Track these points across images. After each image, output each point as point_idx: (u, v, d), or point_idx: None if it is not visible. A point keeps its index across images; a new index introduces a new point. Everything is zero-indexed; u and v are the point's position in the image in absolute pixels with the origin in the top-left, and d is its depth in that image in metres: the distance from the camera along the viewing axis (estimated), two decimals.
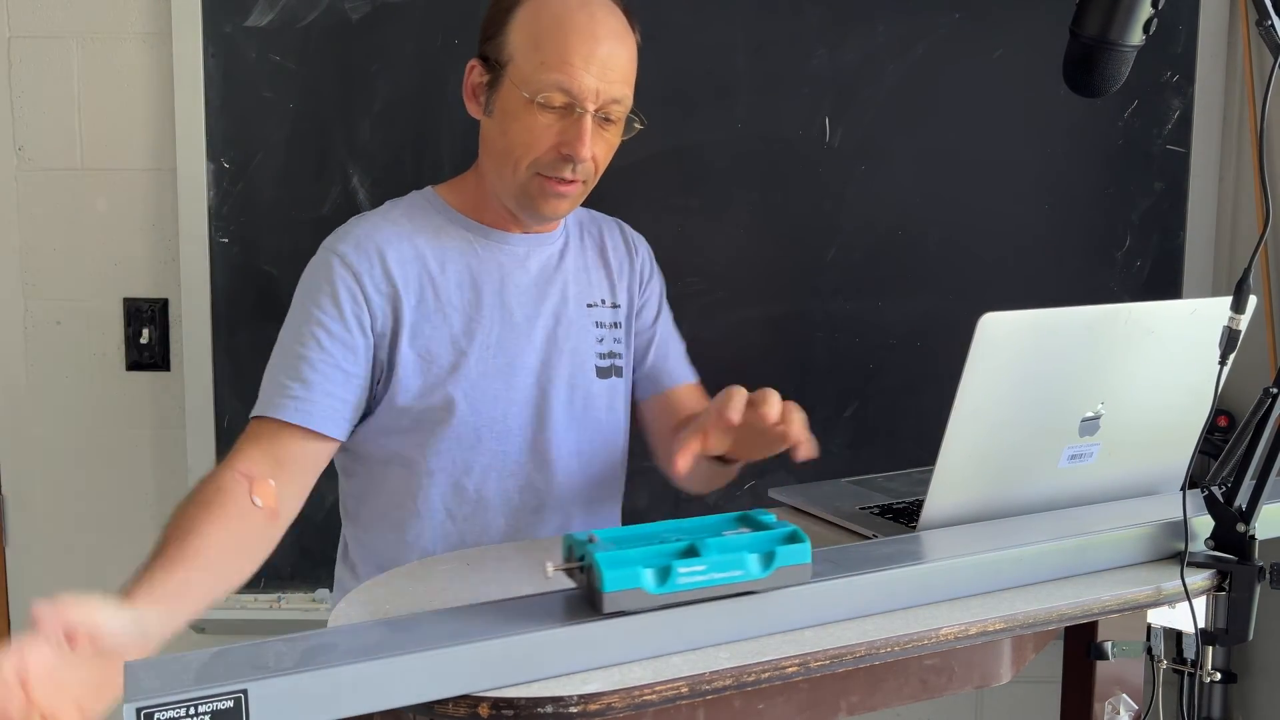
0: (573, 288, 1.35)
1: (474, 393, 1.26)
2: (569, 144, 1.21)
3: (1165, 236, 1.83)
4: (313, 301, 1.24)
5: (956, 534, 1.03)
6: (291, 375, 1.21)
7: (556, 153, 1.22)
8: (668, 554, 0.83)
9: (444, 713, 0.77)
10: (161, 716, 0.69)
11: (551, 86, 1.20)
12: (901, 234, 1.81)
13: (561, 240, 1.37)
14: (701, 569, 0.83)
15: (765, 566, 0.85)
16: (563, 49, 1.19)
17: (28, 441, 1.88)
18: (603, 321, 1.37)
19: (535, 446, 1.30)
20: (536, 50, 1.21)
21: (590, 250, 1.40)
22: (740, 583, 0.84)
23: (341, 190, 1.77)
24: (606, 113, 1.23)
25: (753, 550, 0.85)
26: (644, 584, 0.81)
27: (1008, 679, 1.03)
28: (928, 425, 1.03)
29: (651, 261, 1.47)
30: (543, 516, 1.31)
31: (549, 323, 1.32)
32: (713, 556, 0.83)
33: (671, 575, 0.82)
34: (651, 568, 0.82)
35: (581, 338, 1.34)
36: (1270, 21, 0.98)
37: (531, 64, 1.21)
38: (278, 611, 1.81)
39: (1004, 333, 0.97)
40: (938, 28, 1.78)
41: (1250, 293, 0.96)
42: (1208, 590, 1.02)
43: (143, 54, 1.80)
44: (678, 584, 0.82)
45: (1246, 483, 1.00)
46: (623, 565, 0.81)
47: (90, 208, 1.83)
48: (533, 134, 1.22)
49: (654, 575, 0.82)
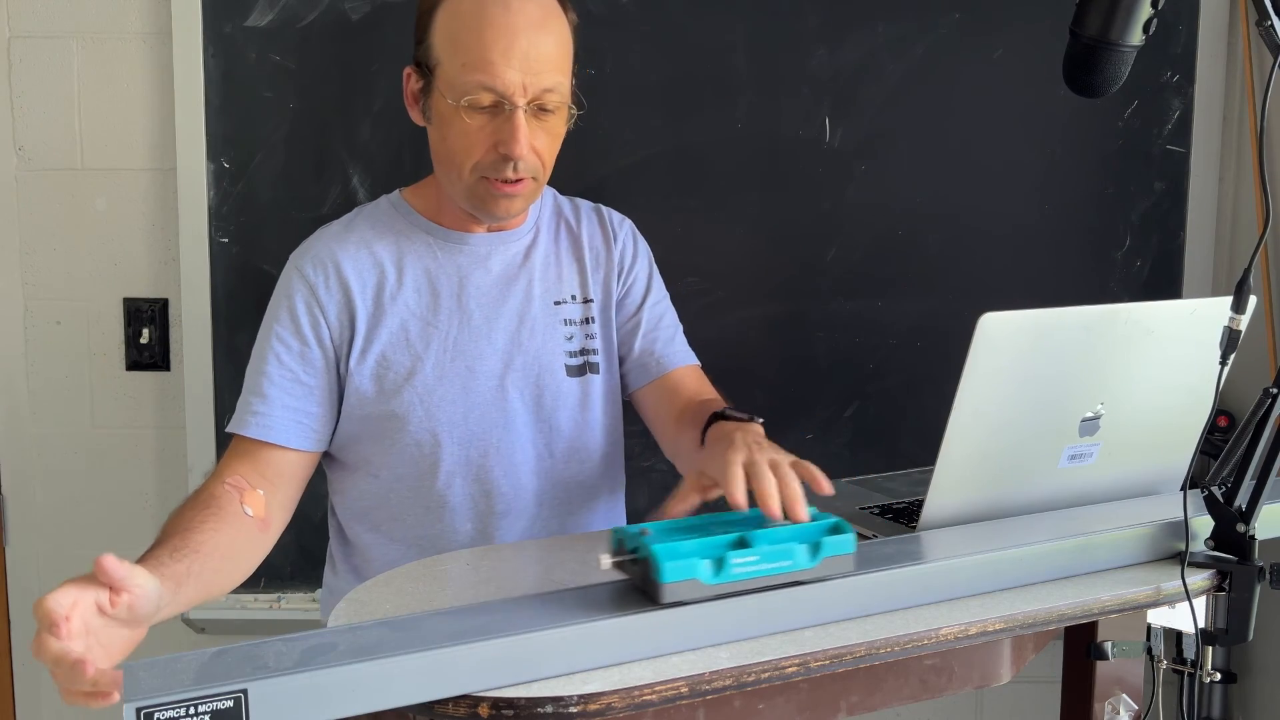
0: (538, 286, 1.33)
1: (431, 398, 1.26)
2: (504, 143, 1.19)
3: (1165, 236, 1.83)
4: (274, 318, 1.27)
5: (956, 534, 1.03)
6: (254, 391, 1.24)
7: (495, 153, 1.20)
8: (722, 545, 0.86)
9: (444, 713, 0.77)
10: (161, 716, 0.69)
11: (476, 88, 1.17)
12: (901, 234, 1.81)
13: (530, 236, 1.35)
14: (754, 559, 0.85)
15: (813, 556, 0.88)
16: (481, 47, 1.17)
17: (28, 441, 1.88)
18: (572, 319, 1.34)
19: (500, 449, 1.29)
20: (457, 52, 1.19)
21: (563, 243, 1.37)
22: (790, 573, 0.87)
23: (341, 190, 1.77)
24: (541, 103, 1.20)
25: (801, 541, 0.88)
26: (700, 574, 0.84)
27: (1008, 679, 1.03)
28: (928, 425, 1.03)
29: (635, 244, 1.42)
30: (510, 520, 1.30)
31: (511, 324, 1.30)
32: (764, 547, 0.86)
33: (726, 566, 0.84)
34: (708, 558, 0.84)
35: (548, 336, 1.32)
36: (1270, 21, 0.98)
37: (454, 67, 1.19)
38: (278, 611, 1.81)
39: (1004, 333, 0.97)
40: (938, 28, 1.78)
41: (1250, 293, 0.96)
42: (1208, 590, 1.02)
43: (143, 54, 1.80)
44: (733, 574, 0.85)
45: (1246, 483, 1.00)
46: (680, 556, 0.83)
47: (90, 208, 1.83)
48: (468, 138, 1.20)
49: (710, 566, 0.84)
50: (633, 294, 1.40)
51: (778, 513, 0.93)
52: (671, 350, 1.39)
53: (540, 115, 1.21)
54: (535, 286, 1.33)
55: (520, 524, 1.30)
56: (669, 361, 1.38)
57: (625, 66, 1.73)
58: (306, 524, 1.83)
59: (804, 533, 0.89)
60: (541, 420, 1.31)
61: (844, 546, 0.89)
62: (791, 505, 0.93)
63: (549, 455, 1.32)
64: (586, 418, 1.34)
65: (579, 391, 1.33)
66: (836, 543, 0.89)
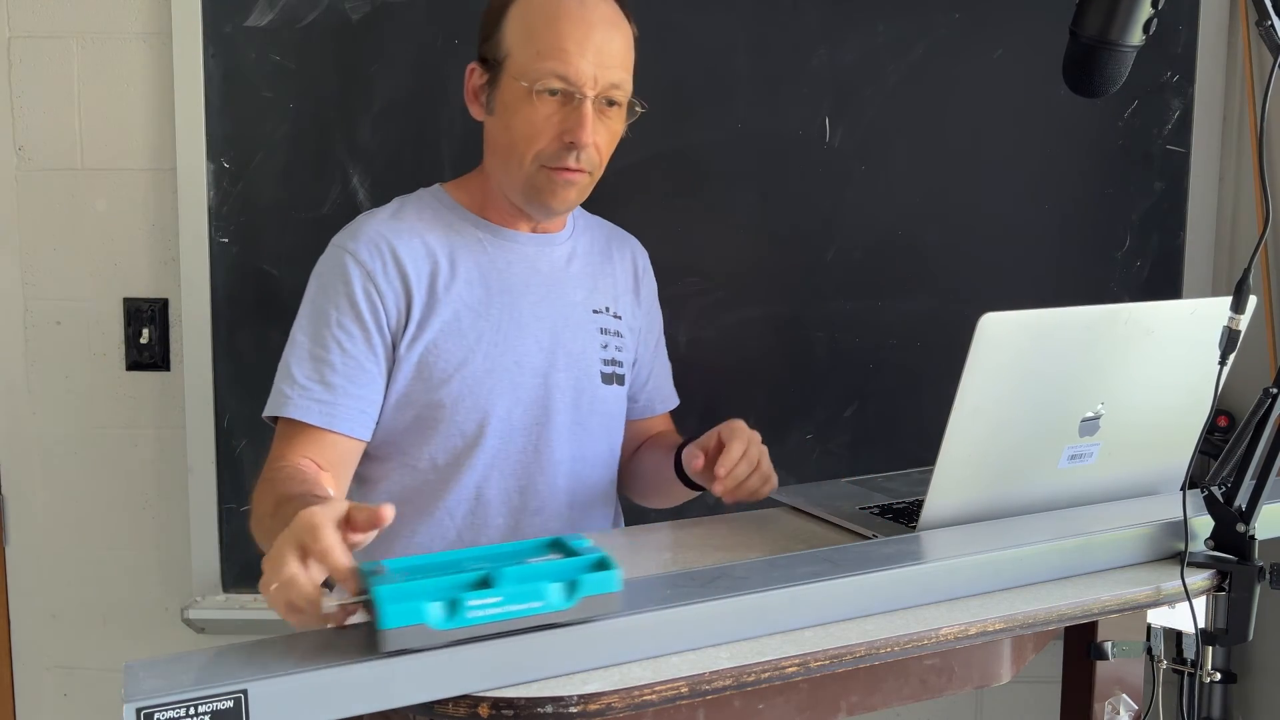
0: (580, 292, 1.36)
1: (479, 389, 1.27)
2: (571, 131, 1.22)
3: (1165, 236, 1.82)
4: (329, 302, 1.25)
5: (956, 534, 1.03)
6: (314, 377, 1.22)
7: (559, 142, 1.22)
8: (458, 585, 0.78)
9: (444, 713, 0.77)
10: (162, 716, 0.69)
11: (548, 74, 1.21)
12: (901, 234, 1.81)
13: (570, 245, 1.38)
14: (496, 600, 0.77)
15: (569, 596, 0.79)
16: (557, 36, 1.21)
17: (28, 441, 1.88)
18: (607, 329, 1.37)
19: (538, 446, 1.30)
20: (531, 41, 1.22)
21: (599, 258, 1.41)
22: (541, 614, 0.78)
23: (341, 190, 1.77)
24: (607, 97, 1.24)
25: (555, 579, 0.79)
26: (429, 619, 0.75)
27: (1008, 679, 1.03)
28: (928, 425, 1.03)
29: (654, 287, 1.49)
30: (543, 517, 1.31)
31: (556, 323, 1.32)
32: (509, 587, 0.77)
33: (460, 609, 0.76)
34: (439, 601, 0.76)
35: (587, 341, 1.34)
36: (1270, 21, 0.98)
37: (528, 55, 1.22)
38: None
39: (1004, 333, 0.97)
40: (938, 28, 1.78)
41: (1250, 293, 0.96)
42: (1208, 590, 1.02)
43: (143, 54, 1.80)
44: (467, 618, 0.76)
45: (1246, 483, 1.00)
46: (405, 599, 0.75)
47: (90, 208, 1.83)
48: (534, 125, 1.22)
49: (441, 609, 0.76)
50: (650, 335, 1.47)
51: (723, 478, 1.15)
52: (662, 396, 1.49)
53: (605, 110, 1.25)
54: (577, 292, 1.35)
55: (552, 524, 1.31)
56: (658, 407, 1.48)
57: None
58: None
59: (557, 570, 0.80)
60: (577, 422, 1.33)
61: (605, 584, 0.80)
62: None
63: (580, 458, 1.34)
64: (611, 426, 1.38)
65: (610, 399, 1.36)
66: (597, 580, 0.79)
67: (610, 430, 1.38)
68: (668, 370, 1.51)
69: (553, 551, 0.86)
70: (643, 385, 1.45)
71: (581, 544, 0.85)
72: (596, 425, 1.35)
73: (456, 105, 1.32)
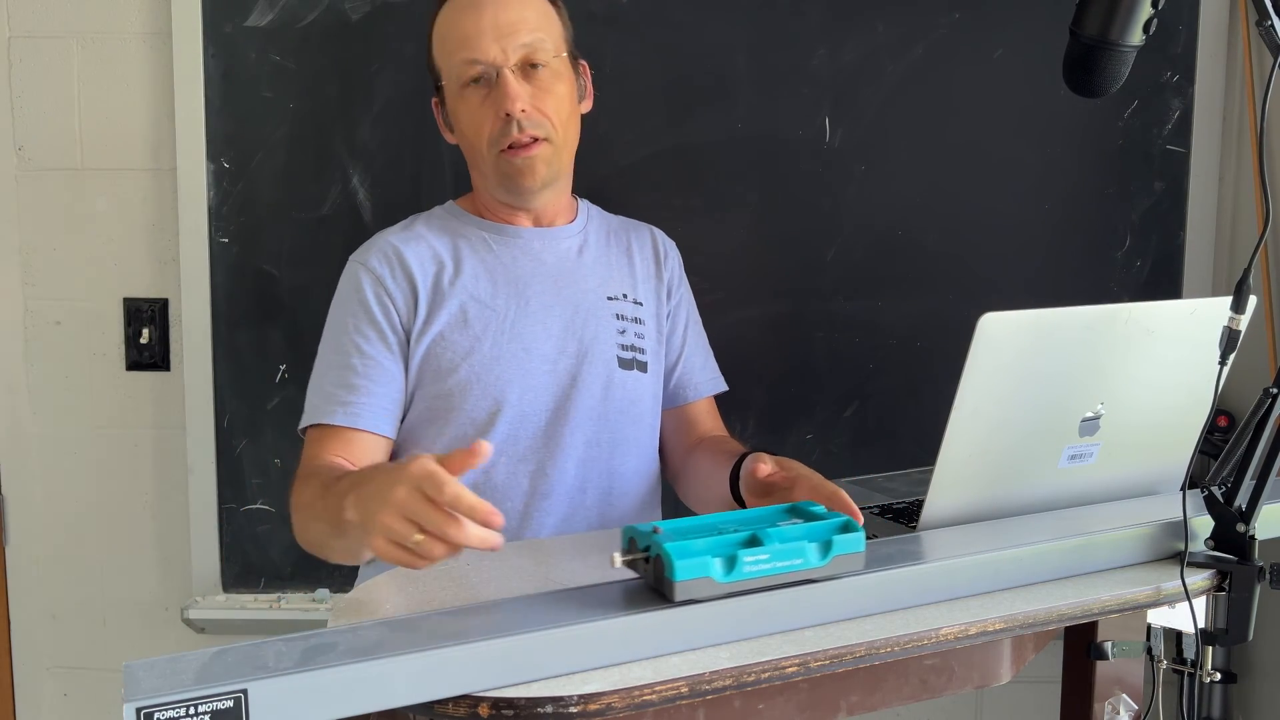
0: (591, 280, 1.39)
1: (487, 375, 1.30)
2: (499, 104, 1.27)
3: (1165, 236, 1.82)
4: (346, 312, 1.32)
5: (956, 534, 1.03)
6: (338, 383, 1.28)
7: (498, 120, 1.28)
8: (734, 544, 0.86)
9: (444, 713, 0.77)
10: (161, 716, 0.69)
11: (463, 65, 1.28)
12: (901, 234, 1.81)
13: (580, 237, 1.42)
14: (765, 557, 0.85)
15: (824, 555, 0.88)
16: (459, 29, 1.29)
17: (28, 441, 1.88)
18: (624, 314, 1.39)
19: (549, 432, 1.32)
20: (445, 47, 1.32)
21: (614, 249, 1.44)
22: (801, 570, 0.87)
23: (341, 190, 1.77)
24: (527, 59, 1.29)
25: (812, 539, 0.88)
26: (713, 573, 0.84)
27: (1008, 679, 1.03)
28: (928, 425, 1.03)
29: (680, 268, 1.51)
30: (552, 502, 1.32)
31: (566, 312, 1.35)
32: (775, 545, 0.86)
33: (738, 564, 0.84)
34: (720, 557, 0.84)
35: (601, 327, 1.37)
36: (1270, 21, 0.97)
37: (447, 61, 1.32)
38: (278, 611, 1.80)
39: (1004, 333, 0.97)
40: (938, 28, 1.78)
41: (1250, 293, 0.96)
42: (1208, 590, 1.02)
43: (143, 54, 1.80)
44: (744, 572, 0.85)
45: (1246, 483, 1.00)
46: (693, 554, 0.83)
47: (90, 208, 1.83)
48: (475, 116, 1.30)
49: (722, 564, 0.84)
50: (679, 318, 1.48)
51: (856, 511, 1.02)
52: (694, 381, 1.48)
53: (532, 73, 1.29)
54: (589, 280, 1.39)
55: (562, 508, 1.33)
56: (699, 390, 1.48)
57: (625, 66, 1.73)
58: None
59: (814, 531, 0.89)
60: (590, 408, 1.34)
61: (854, 545, 0.89)
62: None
63: (595, 444, 1.35)
64: (633, 412, 1.38)
65: (628, 385, 1.38)
66: (847, 541, 0.89)
67: (634, 417, 1.38)
68: (705, 354, 1.52)
69: (793, 516, 0.92)
70: (672, 370, 1.47)
71: (819, 509, 0.93)
72: (613, 412, 1.36)
73: None
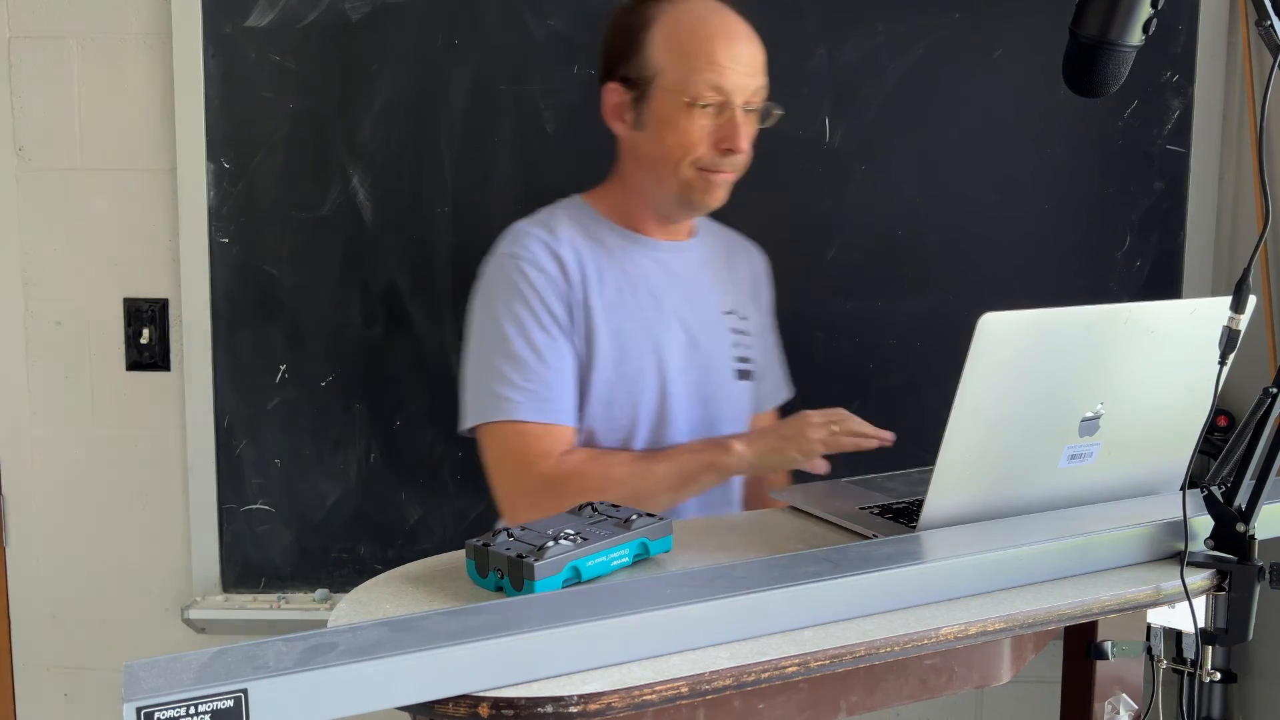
0: (712, 293, 1.44)
1: (621, 382, 1.34)
2: (728, 139, 1.32)
3: (1165, 236, 1.82)
4: (520, 305, 1.32)
5: (956, 534, 1.03)
6: (529, 378, 1.30)
7: (716, 150, 1.33)
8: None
9: (444, 713, 0.77)
10: (161, 716, 0.69)
11: (705, 87, 1.30)
12: (901, 234, 1.81)
13: (700, 250, 1.46)
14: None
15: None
16: (710, 53, 1.31)
17: (28, 441, 1.88)
18: (738, 328, 1.44)
19: (660, 441, 1.36)
20: (685, 59, 1.32)
21: (727, 263, 1.49)
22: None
23: (341, 190, 1.77)
24: (752, 104, 1.34)
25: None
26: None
27: (1008, 679, 1.03)
28: (928, 425, 1.03)
29: (771, 287, 1.56)
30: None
31: (692, 322, 1.40)
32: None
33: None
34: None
35: (721, 340, 1.42)
36: (1270, 21, 0.97)
37: (682, 71, 1.31)
38: (278, 611, 1.80)
39: (1004, 333, 0.97)
40: (938, 28, 1.78)
41: (1250, 293, 0.96)
42: (1207, 590, 1.02)
43: (143, 54, 1.80)
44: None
45: (1246, 483, 1.00)
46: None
47: (90, 208, 1.83)
48: (691, 135, 1.32)
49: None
50: (765, 334, 1.53)
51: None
52: (768, 391, 1.53)
53: (749, 115, 1.35)
54: (710, 293, 1.44)
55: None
56: (762, 405, 1.52)
57: None
58: (306, 524, 1.84)
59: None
60: (709, 417, 1.40)
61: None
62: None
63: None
64: (739, 421, 1.44)
65: (742, 395, 1.43)
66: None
67: (738, 425, 1.43)
68: (779, 365, 1.57)
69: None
70: (758, 381, 1.51)
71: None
72: (726, 421, 1.41)
73: (457, 105, 1.33)
